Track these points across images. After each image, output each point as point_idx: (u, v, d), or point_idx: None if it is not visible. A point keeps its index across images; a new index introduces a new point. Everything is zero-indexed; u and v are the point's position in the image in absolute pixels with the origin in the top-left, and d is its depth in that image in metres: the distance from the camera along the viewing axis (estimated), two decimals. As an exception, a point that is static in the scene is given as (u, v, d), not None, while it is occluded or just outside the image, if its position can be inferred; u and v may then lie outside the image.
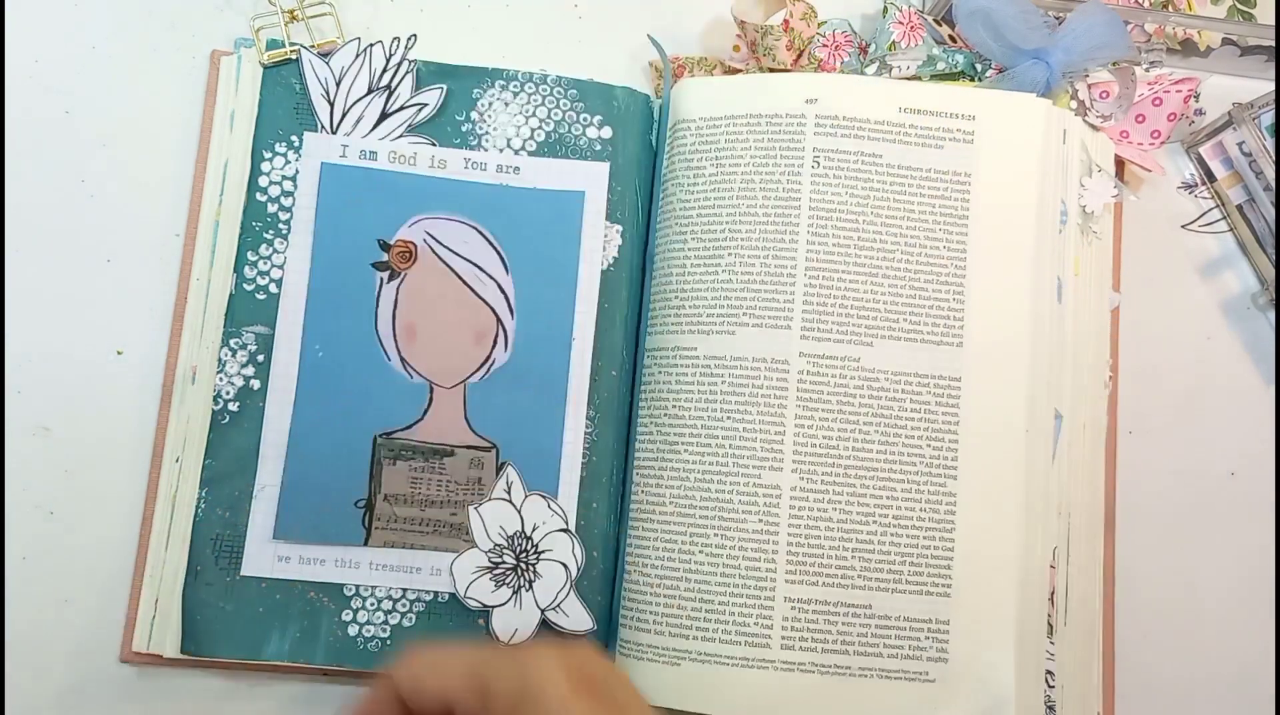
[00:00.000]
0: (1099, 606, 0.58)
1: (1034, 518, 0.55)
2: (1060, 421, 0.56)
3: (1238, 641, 0.60)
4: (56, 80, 0.59)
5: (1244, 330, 0.62)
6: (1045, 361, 0.56)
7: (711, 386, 0.55)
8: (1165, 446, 0.61)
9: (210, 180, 0.58)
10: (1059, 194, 0.57)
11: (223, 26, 0.60)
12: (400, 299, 0.56)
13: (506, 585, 0.54)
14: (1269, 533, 0.61)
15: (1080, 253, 0.58)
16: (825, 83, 0.57)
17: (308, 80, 0.57)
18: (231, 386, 0.55)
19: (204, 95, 0.59)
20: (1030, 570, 0.54)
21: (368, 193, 0.57)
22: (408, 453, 0.55)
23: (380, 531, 0.55)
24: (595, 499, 0.56)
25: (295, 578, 0.54)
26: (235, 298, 0.56)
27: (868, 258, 0.55)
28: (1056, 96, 0.59)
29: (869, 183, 0.56)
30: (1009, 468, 0.54)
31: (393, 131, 0.57)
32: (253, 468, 0.54)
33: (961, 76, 0.61)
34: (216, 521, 0.54)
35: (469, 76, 0.59)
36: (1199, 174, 0.64)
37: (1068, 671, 0.55)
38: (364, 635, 0.54)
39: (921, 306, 0.55)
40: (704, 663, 0.53)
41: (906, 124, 0.56)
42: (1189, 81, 0.61)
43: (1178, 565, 0.60)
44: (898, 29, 0.60)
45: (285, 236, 0.56)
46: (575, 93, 0.59)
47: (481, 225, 0.57)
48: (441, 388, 0.56)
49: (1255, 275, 0.63)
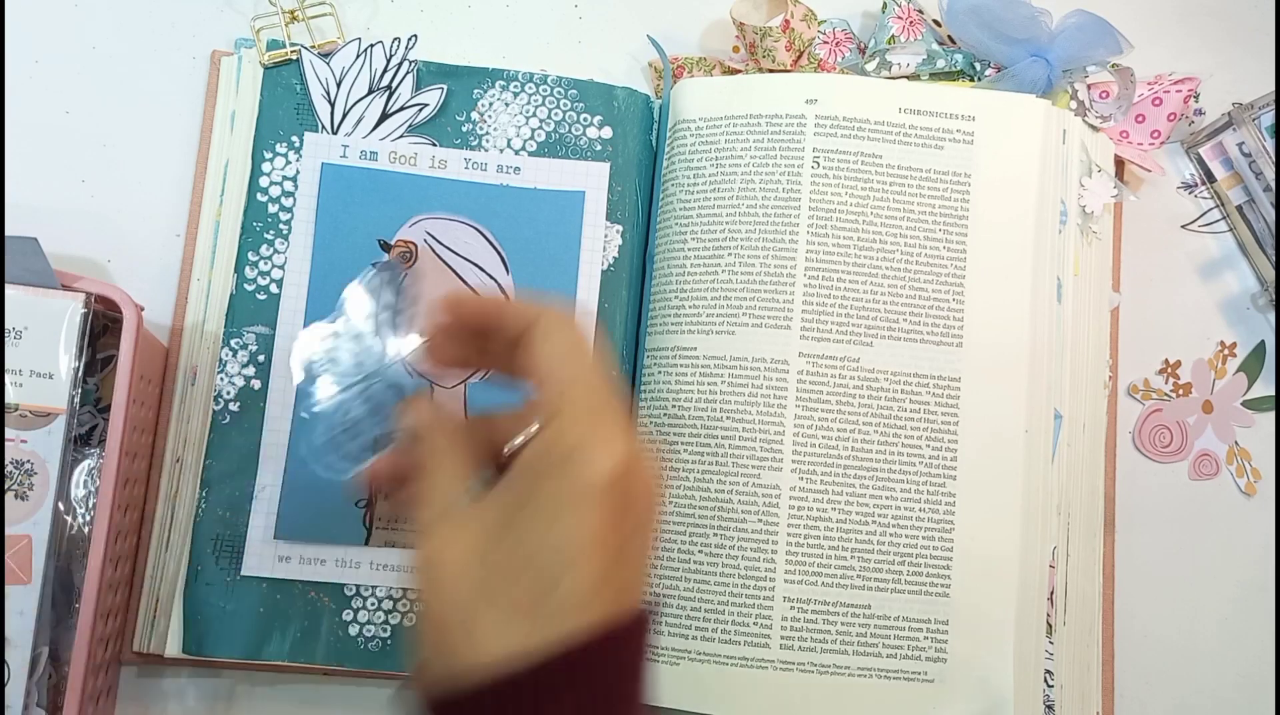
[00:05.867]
0: (1098, 606, 0.58)
1: (1033, 518, 0.55)
2: (1060, 421, 0.56)
3: (1237, 642, 0.60)
4: (56, 80, 0.59)
5: (1244, 330, 0.63)
6: (1045, 361, 0.56)
7: (711, 386, 0.55)
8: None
9: (211, 180, 0.58)
10: (1059, 194, 0.57)
11: (223, 27, 0.60)
12: (400, 299, 0.56)
13: (506, 585, 0.54)
14: (1269, 533, 0.61)
15: (1080, 253, 0.58)
16: (825, 83, 0.57)
17: (308, 80, 0.57)
18: (232, 386, 0.55)
19: (204, 95, 0.59)
20: (1029, 570, 0.54)
21: (368, 193, 0.57)
22: (408, 453, 0.55)
23: (381, 531, 0.55)
24: (595, 499, 0.56)
25: (296, 578, 0.54)
26: (236, 298, 0.56)
27: (867, 258, 0.55)
28: (1056, 97, 0.59)
29: (869, 183, 0.56)
30: (1009, 468, 0.54)
31: (393, 132, 0.57)
32: (253, 468, 0.54)
33: (961, 76, 0.61)
34: (217, 521, 0.54)
35: (469, 77, 0.59)
36: (1199, 174, 0.64)
37: (1067, 671, 0.55)
38: (364, 635, 0.54)
39: (921, 307, 0.55)
40: (704, 663, 0.53)
41: (906, 124, 0.56)
42: (1189, 81, 0.61)
43: (1177, 565, 0.60)
44: (897, 23, 0.60)
45: (286, 237, 0.56)
46: (575, 93, 0.59)
47: (482, 225, 0.57)
48: (442, 387, 0.56)
49: (1255, 275, 0.63)
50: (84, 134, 0.58)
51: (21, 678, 0.47)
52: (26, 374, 0.48)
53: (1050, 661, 0.55)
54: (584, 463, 0.34)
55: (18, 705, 0.47)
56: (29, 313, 0.49)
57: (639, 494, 0.35)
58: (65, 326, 0.49)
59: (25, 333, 0.49)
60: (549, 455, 0.35)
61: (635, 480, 0.35)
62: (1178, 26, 0.65)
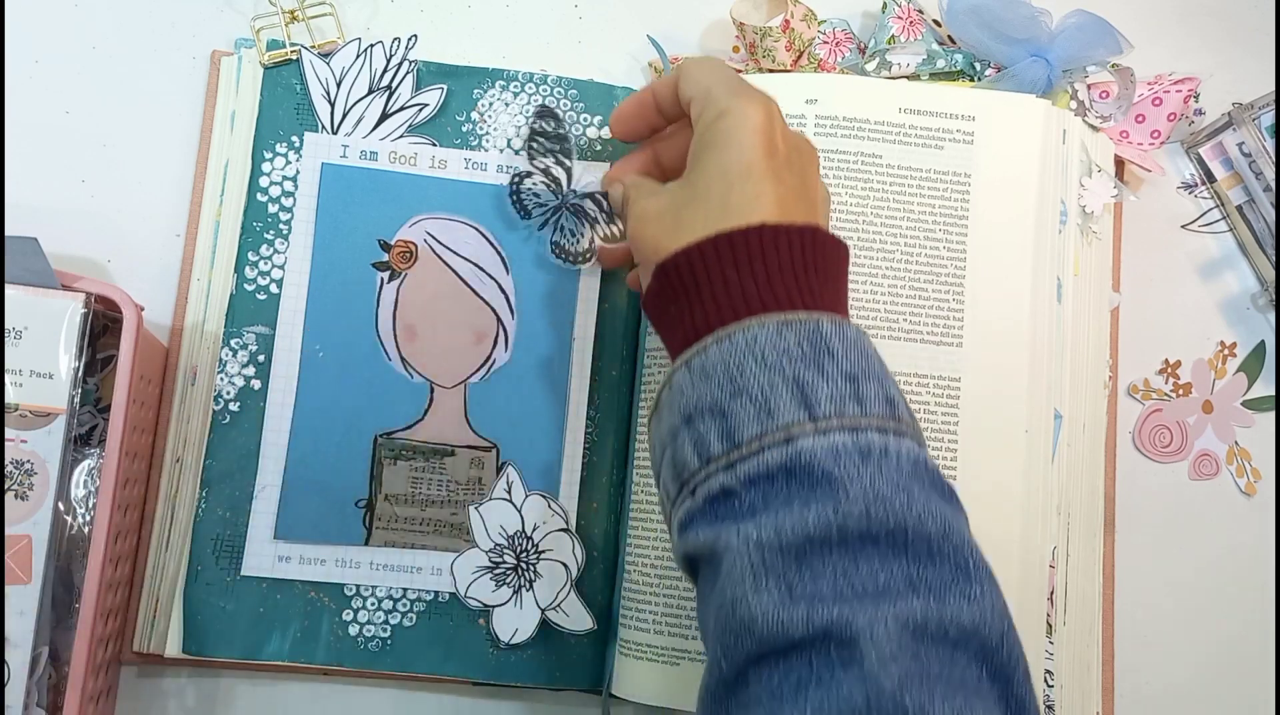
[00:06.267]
0: (1098, 606, 0.58)
1: (1033, 517, 0.55)
2: (1060, 421, 0.56)
3: (1238, 642, 0.60)
4: (56, 80, 0.59)
5: (1244, 330, 0.63)
6: (1045, 361, 0.56)
7: (711, 386, 0.55)
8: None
9: (211, 180, 0.58)
10: (1059, 194, 0.57)
11: (223, 27, 0.60)
12: (400, 299, 0.56)
13: (507, 585, 0.55)
14: (1269, 533, 0.61)
15: (1080, 253, 0.58)
16: (825, 83, 0.57)
17: (308, 80, 0.57)
18: (232, 386, 0.55)
19: (204, 95, 0.59)
20: (1029, 570, 0.54)
21: (368, 193, 0.57)
22: (408, 453, 0.55)
23: (381, 531, 0.55)
24: (595, 499, 0.56)
25: (295, 577, 0.54)
26: (236, 298, 0.56)
27: (868, 258, 0.55)
28: (1056, 97, 0.59)
29: (869, 183, 0.56)
30: (1009, 468, 0.54)
31: (393, 132, 0.57)
32: (253, 468, 0.54)
33: (961, 76, 0.61)
34: (217, 521, 0.54)
35: (469, 76, 0.59)
36: (1199, 174, 0.64)
37: (1067, 671, 0.55)
38: (364, 635, 0.54)
39: (921, 306, 0.55)
40: (703, 662, 0.53)
41: (906, 124, 0.56)
42: (1189, 81, 0.61)
43: (1177, 565, 0.60)
44: (896, 23, 0.60)
45: (286, 237, 0.56)
46: (575, 93, 0.59)
47: (482, 225, 0.57)
48: (442, 387, 0.56)
49: (1255, 275, 0.63)
50: (84, 134, 0.58)
51: (21, 678, 0.47)
52: (26, 374, 0.48)
53: (1050, 661, 0.55)
54: (733, 114, 0.44)
55: (18, 705, 0.47)
56: (29, 313, 0.49)
57: (784, 137, 0.45)
58: (65, 326, 0.49)
59: (25, 333, 0.49)
60: (705, 123, 0.45)
61: (778, 127, 0.45)
62: (1178, 26, 0.65)
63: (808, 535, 0.37)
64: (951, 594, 0.36)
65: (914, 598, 0.36)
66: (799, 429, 0.38)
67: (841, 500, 0.37)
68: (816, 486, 0.37)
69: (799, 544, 0.37)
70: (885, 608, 0.35)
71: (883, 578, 0.36)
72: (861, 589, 0.36)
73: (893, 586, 0.36)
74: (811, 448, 0.38)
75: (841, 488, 0.37)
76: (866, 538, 0.37)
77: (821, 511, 0.37)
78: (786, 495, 0.38)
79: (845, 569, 0.36)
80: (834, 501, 0.37)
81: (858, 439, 0.38)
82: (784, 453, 0.38)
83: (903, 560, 0.37)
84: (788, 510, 0.37)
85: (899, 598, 0.36)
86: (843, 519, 0.37)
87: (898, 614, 0.35)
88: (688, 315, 0.42)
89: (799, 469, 0.38)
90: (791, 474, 0.38)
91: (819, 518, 0.37)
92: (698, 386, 0.41)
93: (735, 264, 0.41)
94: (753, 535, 0.37)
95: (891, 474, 0.38)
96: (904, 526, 0.37)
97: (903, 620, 0.35)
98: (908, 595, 0.36)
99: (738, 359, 0.40)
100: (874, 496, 0.37)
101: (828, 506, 0.37)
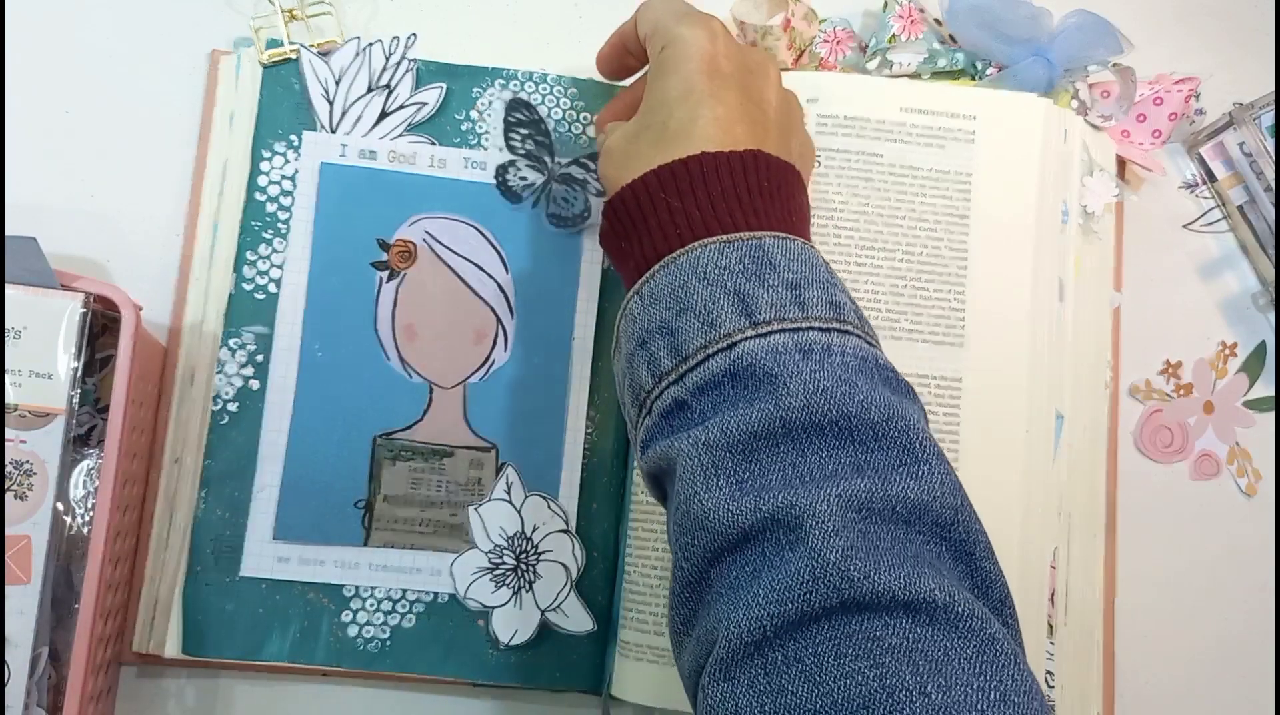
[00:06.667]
0: (1099, 606, 0.58)
1: (1034, 518, 0.54)
2: (1060, 421, 0.56)
3: (1238, 642, 0.60)
4: (56, 80, 0.58)
5: (1245, 330, 0.62)
6: (1045, 361, 0.56)
7: (711, 386, 0.54)
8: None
9: (210, 180, 0.58)
10: (1060, 194, 0.57)
11: (222, 26, 0.59)
12: (400, 299, 0.56)
13: (506, 586, 0.54)
14: (1270, 533, 0.61)
15: (1081, 253, 0.58)
16: (826, 82, 0.57)
17: (307, 80, 0.57)
18: (231, 387, 0.55)
19: (203, 95, 0.59)
20: (1030, 570, 0.54)
21: (367, 192, 0.57)
22: (407, 453, 0.55)
23: (380, 532, 0.55)
24: (595, 499, 0.56)
25: (295, 578, 0.54)
26: (235, 298, 0.56)
27: (868, 257, 0.55)
28: (1057, 96, 0.59)
29: (870, 182, 0.56)
30: (1009, 468, 0.54)
31: (392, 131, 0.57)
32: (252, 468, 0.54)
33: (962, 75, 0.60)
34: (216, 522, 0.54)
35: (469, 76, 0.58)
36: (1200, 174, 0.64)
37: (1067, 671, 0.55)
38: (364, 635, 0.54)
39: (922, 306, 0.55)
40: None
41: (907, 123, 0.56)
42: (1190, 81, 0.61)
43: (1177, 565, 0.60)
44: (898, 22, 0.60)
45: (284, 236, 0.56)
46: (575, 92, 0.59)
47: (481, 224, 0.57)
48: (441, 387, 0.56)
49: (1255, 275, 0.63)
50: (84, 134, 0.58)
51: (21, 678, 0.47)
52: (26, 374, 0.48)
53: (1050, 661, 0.54)
54: (677, 42, 0.46)
55: (18, 705, 0.47)
56: (28, 313, 0.49)
57: (728, 56, 0.46)
58: (64, 326, 0.49)
59: (24, 333, 0.48)
60: (654, 55, 0.47)
61: (720, 47, 0.46)
62: (1178, 26, 0.65)
63: (752, 431, 0.38)
64: (898, 473, 0.37)
65: (858, 479, 0.37)
66: (740, 335, 0.40)
67: (783, 395, 0.38)
68: (759, 386, 0.39)
69: (745, 440, 0.38)
70: (829, 489, 0.36)
71: (830, 466, 0.37)
72: (808, 475, 0.37)
73: (839, 472, 0.37)
74: (753, 350, 0.39)
75: (783, 384, 0.38)
76: (811, 429, 0.38)
77: (764, 408, 0.38)
78: (732, 397, 0.39)
79: (793, 461, 0.38)
80: (775, 397, 0.38)
81: (798, 338, 0.39)
82: (727, 358, 0.39)
83: (849, 447, 0.38)
84: (733, 410, 0.39)
85: (843, 479, 0.37)
86: (785, 412, 0.38)
87: (840, 493, 0.36)
88: (637, 247, 0.44)
89: (742, 371, 0.39)
90: (736, 377, 0.39)
91: (762, 414, 0.38)
92: (648, 311, 0.42)
93: (679, 194, 0.43)
94: (700, 437, 0.39)
95: (835, 368, 0.39)
96: (846, 414, 0.38)
97: (846, 498, 0.36)
98: (852, 477, 0.37)
99: (682, 280, 0.41)
100: (814, 389, 0.38)
101: (769, 403, 0.38)
